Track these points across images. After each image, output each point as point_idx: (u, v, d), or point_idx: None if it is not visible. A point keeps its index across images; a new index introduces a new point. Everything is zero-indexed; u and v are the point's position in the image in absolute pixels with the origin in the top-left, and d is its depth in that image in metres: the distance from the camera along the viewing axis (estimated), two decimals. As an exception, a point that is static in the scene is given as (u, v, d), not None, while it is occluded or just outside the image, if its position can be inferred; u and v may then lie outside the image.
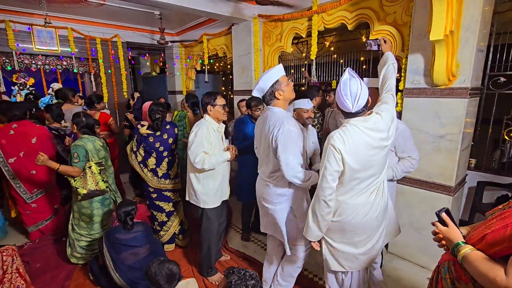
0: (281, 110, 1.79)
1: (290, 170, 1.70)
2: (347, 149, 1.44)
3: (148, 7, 3.93)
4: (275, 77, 1.73)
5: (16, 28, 3.94)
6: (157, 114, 2.52)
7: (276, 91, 1.75)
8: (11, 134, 2.79)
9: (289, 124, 1.70)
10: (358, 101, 1.44)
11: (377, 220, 1.60)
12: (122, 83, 5.09)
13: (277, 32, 3.61)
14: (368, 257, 1.68)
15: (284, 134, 1.67)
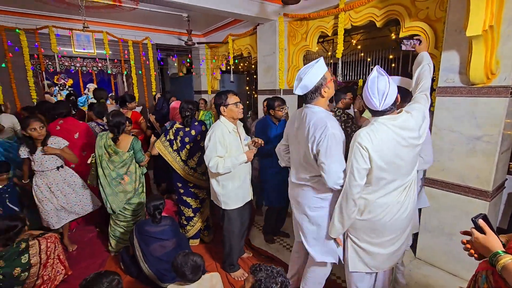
0: (322, 110, 1.66)
1: (333, 177, 1.58)
2: (374, 147, 1.42)
3: (176, 10, 4.07)
4: (321, 72, 1.60)
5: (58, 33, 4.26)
6: (187, 112, 2.63)
7: (322, 88, 1.62)
8: (57, 129, 3.03)
9: (332, 127, 1.56)
10: (386, 100, 1.41)
11: (406, 220, 1.56)
12: (151, 83, 5.32)
13: (303, 31, 3.59)
14: (394, 258, 1.64)
15: (327, 138, 1.54)
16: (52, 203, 2.68)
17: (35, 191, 2.66)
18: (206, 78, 5.91)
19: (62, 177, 2.72)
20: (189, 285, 1.74)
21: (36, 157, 2.56)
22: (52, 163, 2.65)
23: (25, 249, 2.19)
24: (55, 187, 2.68)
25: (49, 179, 2.66)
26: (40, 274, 2.23)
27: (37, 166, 2.60)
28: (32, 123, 2.47)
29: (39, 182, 2.65)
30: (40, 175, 2.64)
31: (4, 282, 2.09)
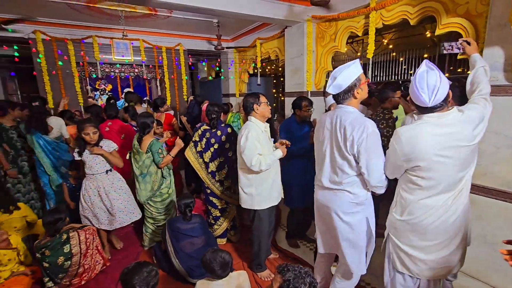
0: (356, 110, 1.65)
1: (376, 176, 1.57)
2: (414, 146, 1.38)
3: (207, 16, 4.23)
4: (356, 73, 1.59)
5: (100, 42, 4.62)
6: (213, 114, 2.72)
7: (355, 89, 1.61)
8: (106, 131, 3.28)
9: (372, 126, 1.55)
10: (437, 95, 1.34)
11: (453, 226, 1.46)
12: (182, 87, 5.56)
13: (331, 32, 3.55)
14: (441, 268, 1.53)
15: (368, 138, 1.53)
16: (98, 208, 2.68)
17: (83, 195, 2.68)
18: (234, 81, 6.04)
19: (110, 181, 2.71)
20: (217, 281, 1.79)
21: (87, 160, 2.59)
22: (102, 167, 2.65)
23: (67, 240, 2.39)
24: (103, 190, 2.66)
25: (98, 183, 2.65)
26: (81, 263, 2.42)
27: (88, 169, 2.62)
28: (87, 128, 2.51)
29: (89, 185, 2.66)
30: (90, 178, 2.65)
31: (50, 269, 2.30)
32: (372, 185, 1.61)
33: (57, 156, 3.32)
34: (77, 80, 4.61)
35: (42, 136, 3.19)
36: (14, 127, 3.27)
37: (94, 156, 2.58)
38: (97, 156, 2.59)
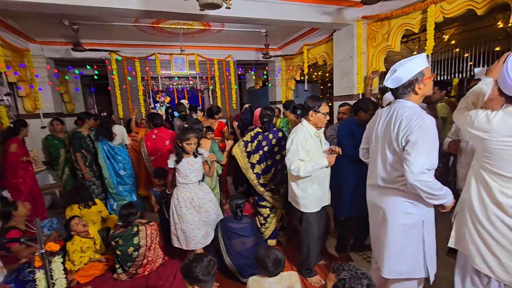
0: (416, 105, 1.54)
1: (415, 170, 1.40)
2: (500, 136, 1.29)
3: (256, 27, 4.42)
4: (419, 67, 1.49)
5: (161, 58, 5.16)
6: (265, 118, 2.81)
7: (417, 83, 1.50)
8: (153, 138, 3.64)
9: (430, 121, 1.44)
10: None
11: None
12: (232, 96, 5.84)
13: (384, 31, 3.41)
14: None
15: (421, 129, 1.42)
16: (192, 220, 2.49)
17: (175, 206, 2.49)
18: (281, 88, 6.14)
19: (203, 192, 2.57)
20: (269, 278, 1.82)
21: (183, 168, 2.45)
22: (196, 176, 2.51)
23: (136, 232, 2.67)
24: (197, 201, 2.50)
25: (191, 193, 2.49)
26: (146, 255, 2.68)
27: (182, 178, 2.48)
28: (192, 138, 2.39)
29: (181, 195, 2.47)
30: (182, 188, 2.49)
31: (121, 257, 2.59)
32: (409, 180, 1.43)
33: (119, 160, 3.78)
34: (141, 93, 5.19)
35: (107, 142, 3.65)
36: (90, 135, 3.82)
37: (190, 165, 2.46)
38: (192, 165, 2.46)
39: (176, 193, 2.51)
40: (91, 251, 2.82)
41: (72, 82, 5.74)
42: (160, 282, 2.57)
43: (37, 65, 4.28)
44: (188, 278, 1.50)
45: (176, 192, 2.51)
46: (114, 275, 2.64)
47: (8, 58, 3.63)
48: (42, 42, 4.43)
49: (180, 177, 2.48)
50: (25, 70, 4.13)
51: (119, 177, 3.80)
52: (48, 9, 2.58)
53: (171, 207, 2.54)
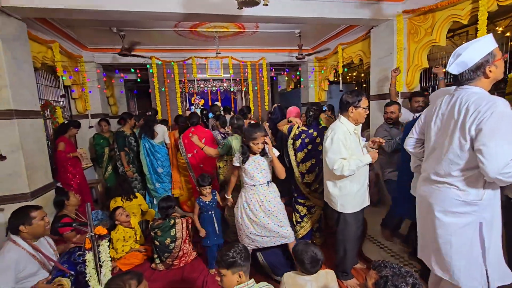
0: (484, 91, 1.41)
1: (497, 163, 1.25)
2: None
3: (289, 28, 4.43)
4: (488, 47, 1.37)
5: (197, 62, 5.38)
6: (310, 112, 2.78)
7: (487, 65, 1.37)
8: (190, 136, 3.77)
9: (504, 105, 1.29)
10: None
11: None
12: (264, 98, 5.89)
13: (427, 25, 3.22)
14: None
15: (495, 116, 1.27)
16: (261, 224, 2.29)
17: (244, 209, 2.31)
18: (313, 90, 6.05)
19: (272, 194, 2.34)
20: (305, 276, 1.77)
21: (250, 168, 2.25)
22: (263, 176, 2.28)
23: (174, 224, 2.78)
24: (267, 205, 2.28)
25: (260, 195, 2.28)
26: (181, 247, 2.77)
27: (249, 178, 2.27)
28: (259, 137, 2.17)
29: (249, 197, 2.28)
30: (250, 190, 2.29)
31: (159, 248, 2.71)
32: (490, 175, 1.28)
33: (158, 158, 3.98)
34: (178, 95, 5.45)
35: (149, 140, 3.88)
36: (132, 134, 4.08)
37: (257, 164, 2.26)
38: (259, 164, 2.26)
39: (243, 195, 2.34)
40: (132, 240, 2.98)
41: (117, 86, 6.21)
42: (195, 274, 2.64)
43: (88, 69, 4.70)
44: (231, 267, 1.49)
45: (244, 194, 2.34)
46: (152, 265, 2.76)
47: (64, 63, 4.04)
48: (93, 49, 4.86)
49: (247, 177, 2.29)
50: (78, 75, 4.55)
51: (157, 174, 4.00)
52: (101, 15, 2.84)
53: (238, 210, 2.37)
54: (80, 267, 2.14)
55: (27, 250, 1.93)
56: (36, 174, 2.82)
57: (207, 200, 2.73)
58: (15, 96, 2.61)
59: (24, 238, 1.95)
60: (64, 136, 3.78)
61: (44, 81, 4.00)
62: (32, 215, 1.97)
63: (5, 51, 2.52)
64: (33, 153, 2.80)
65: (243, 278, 1.52)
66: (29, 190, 2.68)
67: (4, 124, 2.55)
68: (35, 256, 1.97)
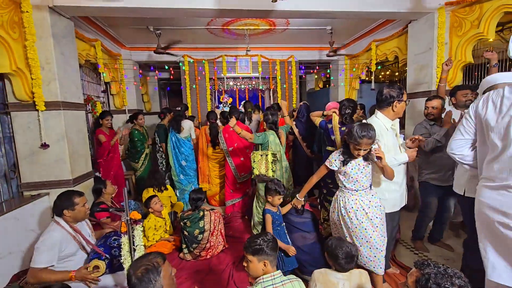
0: None
1: None
2: None
3: (321, 24, 4.35)
4: None
5: (227, 60, 5.47)
6: (347, 109, 2.67)
7: None
8: (230, 130, 3.84)
9: None
10: None
11: None
12: (292, 96, 5.84)
13: (473, 17, 2.99)
14: None
15: None
16: (361, 236, 1.95)
17: (341, 215, 2.03)
18: (343, 89, 5.88)
19: (375, 201, 2.01)
20: (337, 273, 1.71)
21: (352, 172, 1.95)
22: (367, 181, 1.98)
23: (202, 216, 2.83)
24: (371, 213, 1.94)
25: (363, 202, 1.96)
26: (209, 239, 2.81)
27: (351, 183, 1.97)
28: (363, 145, 1.82)
29: (351, 203, 1.96)
30: (351, 195, 1.98)
31: (188, 238, 2.77)
32: None
33: (182, 151, 4.10)
34: (209, 92, 5.57)
35: (175, 134, 4.02)
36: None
37: (361, 168, 1.95)
38: (364, 169, 1.96)
39: (340, 199, 2.04)
40: (162, 230, 3.09)
41: (150, 83, 6.50)
42: (221, 266, 2.66)
43: (126, 67, 4.96)
44: (256, 254, 1.51)
45: (341, 199, 2.04)
46: (180, 255, 2.84)
47: (105, 61, 4.30)
48: (130, 48, 5.13)
49: (348, 182, 1.99)
50: (116, 72, 4.82)
51: (181, 167, 4.13)
52: (140, 13, 2.98)
53: (334, 216, 2.13)
54: (115, 251, 2.24)
55: (69, 231, 2.06)
56: (78, 162, 3.02)
57: (276, 211, 2.38)
58: (62, 89, 2.82)
59: (66, 221, 2.09)
60: (101, 129, 4.00)
61: (86, 77, 4.28)
62: (75, 201, 2.10)
63: (55, 47, 2.73)
64: (76, 142, 3.00)
65: (268, 267, 1.52)
66: (71, 177, 2.88)
67: (53, 115, 2.76)
68: (75, 237, 2.09)
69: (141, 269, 1.27)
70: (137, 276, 1.25)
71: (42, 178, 2.80)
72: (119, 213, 2.19)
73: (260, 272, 1.52)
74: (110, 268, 2.18)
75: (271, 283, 1.47)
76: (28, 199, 2.67)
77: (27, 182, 2.78)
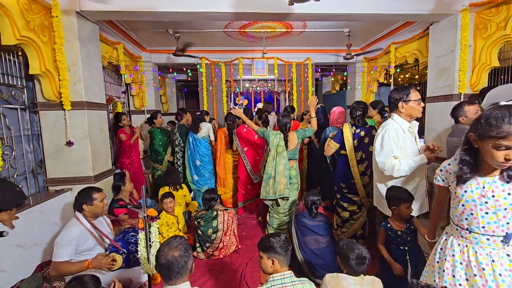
0: None
1: None
2: None
3: (338, 27, 4.31)
4: None
5: (244, 62, 5.53)
6: (358, 111, 2.65)
7: None
8: (244, 131, 3.90)
9: None
10: None
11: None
12: (308, 99, 5.79)
13: (499, 19, 2.87)
14: None
15: None
16: None
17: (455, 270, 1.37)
18: (361, 92, 5.79)
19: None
20: (349, 278, 1.69)
21: (473, 195, 1.38)
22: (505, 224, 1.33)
23: (216, 216, 2.87)
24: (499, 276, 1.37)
25: (490, 257, 1.35)
26: (222, 239, 2.84)
27: (476, 225, 1.26)
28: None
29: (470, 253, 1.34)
30: (468, 242, 1.35)
31: (202, 237, 2.82)
32: None
33: (197, 151, 4.16)
34: (225, 94, 5.65)
35: (193, 134, 4.11)
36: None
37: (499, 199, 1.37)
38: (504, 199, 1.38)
39: (452, 243, 1.34)
40: (175, 228, 3.15)
41: (168, 85, 6.67)
42: (234, 267, 2.69)
43: (146, 69, 5.12)
44: (266, 251, 1.56)
45: (454, 242, 1.33)
46: (194, 253, 2.88)
47: (126, 63, 4.46)
48: (150, 50, 5.30)
49: (471, 223, 1.26)
50: (137, 73, 4.98)
51: (195, 167, 4.19)
52: (160, 17, 3.08)
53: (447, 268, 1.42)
54: (132, 247, 2.32)
55: (87, 227, 2.15)
56: (99, 160, 3.14)
57: (402, 228, 1.93)
58: (87, 90, 2.96)
59: (85, 216, 2.18)
60: (122, 129, 4.16)
61: (108, 78, 4.46)
62: (94, 196, 2.19)
63: (80, 50, 2.88)
64: (98, 141, 3.14)
65: (276, 266, 1.54)
66: (93, 174, 3.00)
67: (77, 114, 2.90)
68: (92, 233, 2.18)
69: (179, 246, 1.38)
70: (176, 256, 1.34)
71: (66, 174, 2.94)
72: (136, 210, 2.27)
73: (269, 270, 1.56)
74: (126, 262, 2.25)
75: (281, 282, 1.49)
76: (53, 193, 2.81)
77: (52, 178, 2.93)
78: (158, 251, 1.38)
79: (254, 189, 3.94)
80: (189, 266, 1.37)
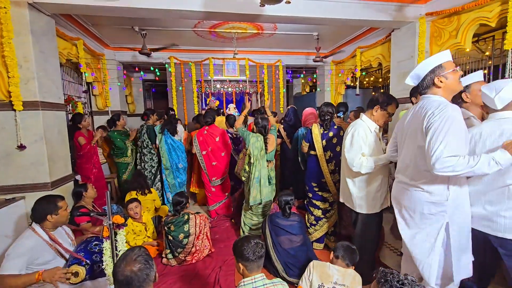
0: (442, 98, 1.53)
1: (440, 158, 1.37)
2: None
3: (308, 30, 4.42)
4: (437, 61, 1.54)
5: (214, 62, 5.45)
6: (326, 115, 2.71)
7: (436, 77, 1.53)
8: (204, 134, 3.82)
9: (453, 110, 1.43)
10: None
11: None
12: (279, 100, 5.89)
13: (451, 28, 3.13)
14: None
15: (443, 118, 1.40)
16: None
17: None
18: (329, 94, 5.99)
19: None
20: (334, 267, 1.87)
21: None
22: None
23: (187, 220, 2.78)
24: None
25: None
26: (194, 243, 2.76)
27: None
28: None
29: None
30: None
31: (173, 242, 2.71)
32: (434, 170, 1.42)
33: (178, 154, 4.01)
34: (195, 95, 5.52)
35: (171, 136, 3.94)
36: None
37: None
38: None
39: None
40: (144, 235, 3.00)
41: (135, 84, 6.36)
42: (207, 271, 2.62)
43: (109, 67, 4.83)
44: (236, 255, 1.57)
45: None
46: (164, 260, 2.76)
47: (87, 61, 4.17)
48: (114, 48, 5.01)
49: None
50: (99, 72, 4.68)
51: (177, 170, 4.03)
52: (125, 13, 2.90)
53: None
54: (96, 257, 2.16)
55: (44, 239, 1.96)
56: (57, 164, 2.89)
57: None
58: (41, 88, 2.70)
59: (45, 227, 1.99)
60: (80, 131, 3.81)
61: (67, 77, 4.13)
62: (59, 205, 2.01)
63: (34, 45, 2.62)
64: (55, 144, 2.88)
65: (245, 272, 1.54)
66: (50, 180, 2.75)
67: (30, 115, 2.64)
68: (51, 245, 2.00)
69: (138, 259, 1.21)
70: (134, 270, 1.18)
71: (18, 181, 2.66)
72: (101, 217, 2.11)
73: (240, 273, 1.58)
74: (90, 274, 2.09)
75: (252, 286, 1.49)
76: (3, 203, 2.53)
77: (1, 186, 2.64)
78: (115, 267, 1.22)
79: (219, 192, 3.94)
80: (152, 277, 1.23)
